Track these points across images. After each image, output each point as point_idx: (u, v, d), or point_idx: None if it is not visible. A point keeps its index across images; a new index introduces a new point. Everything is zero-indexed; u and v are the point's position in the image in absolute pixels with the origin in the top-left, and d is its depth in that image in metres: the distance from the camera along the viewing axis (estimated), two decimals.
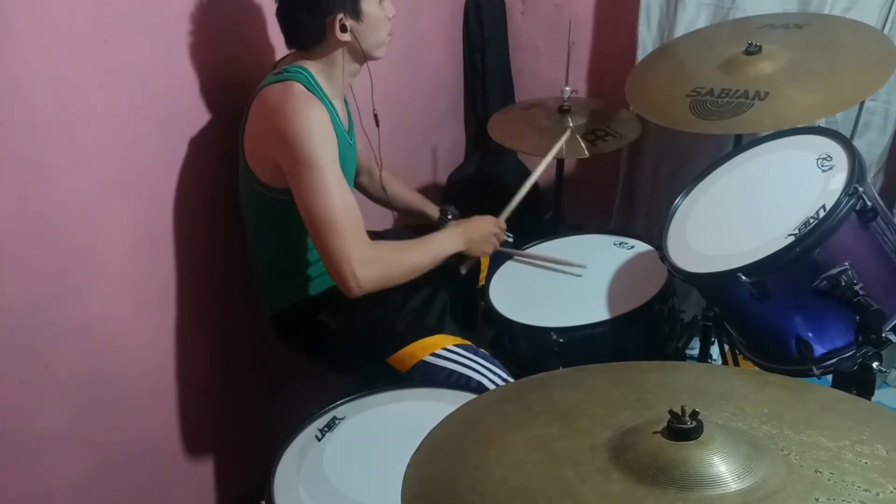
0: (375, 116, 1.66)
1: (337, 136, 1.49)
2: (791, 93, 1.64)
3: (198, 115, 1.56)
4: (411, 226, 2.01)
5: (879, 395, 2.07)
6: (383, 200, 1.95)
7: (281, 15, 1.50)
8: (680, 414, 0.72)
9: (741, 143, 1.72)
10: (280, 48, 1.68)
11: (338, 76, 1.54)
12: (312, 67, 1.51)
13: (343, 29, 1.47)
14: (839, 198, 1.31)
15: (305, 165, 1.41)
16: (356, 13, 1.47)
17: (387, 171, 1.87)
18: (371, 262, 1.45)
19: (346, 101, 1.66)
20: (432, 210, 1.97)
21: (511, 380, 1.57)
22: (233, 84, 1.61)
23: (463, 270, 1.77)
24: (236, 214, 1.63)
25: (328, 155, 1.43)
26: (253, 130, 1.50)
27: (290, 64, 1.51)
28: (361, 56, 1.54)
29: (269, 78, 1.49)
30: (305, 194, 1.42)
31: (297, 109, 1.42)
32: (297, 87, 1.45)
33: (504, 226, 1.81)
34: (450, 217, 1.94)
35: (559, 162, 2.30)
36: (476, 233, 1.71)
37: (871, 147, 2.09)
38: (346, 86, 1.60)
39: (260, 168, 1.51)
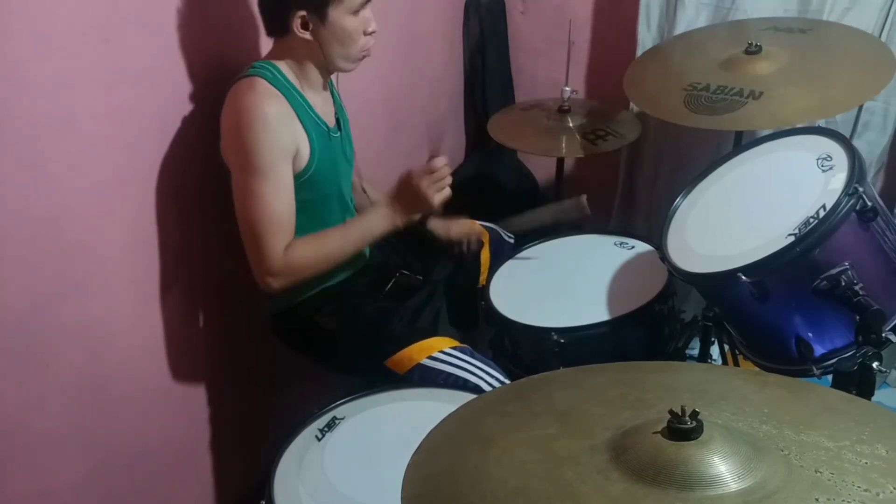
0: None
1: (307, 130, 1.48)
2: (785, 94, 1.64)
3: (198, 115, 1.56)
4: None
5: (879, 395, 2.06)
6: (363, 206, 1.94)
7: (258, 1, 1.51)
8: (680, 414, 0.72)
9: (741, 144, 1.72)
10: None
11: (311, 69, 1.53)
12: (282, 61, 1.49)
13: (304, 27, 1.45)
14: (839, 198, 1.31)
15: (244, 166, 1.42)
16: (321, 16, 1.44)
17: (369, 186, 1.87)
18: (280, 274, 1.47)
19: (333, 94, 1.64)
20: None
21: (508, 382, 1.56)
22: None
23: (428, 226, 1.77)
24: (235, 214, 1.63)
25: (273, 157, 1.42)
26: (223, 128, 1.49)
27: (260, 59, 1.50)
28: (323, 60, 1.50)
29: (239, 75, 1.49)
30: (238, 193, 1.44)
31: (250, 107, 1.40)
32: (259, 83, 1.43)
33: (435, 164, 1.55)
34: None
35: (559, 161, 2.30)
36: (405, 197, 1.56)
37: (871, 147, 2.09)
38: (321, 81, 1.57)
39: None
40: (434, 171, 1.55)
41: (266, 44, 1.69)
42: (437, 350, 1.57)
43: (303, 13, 1.43)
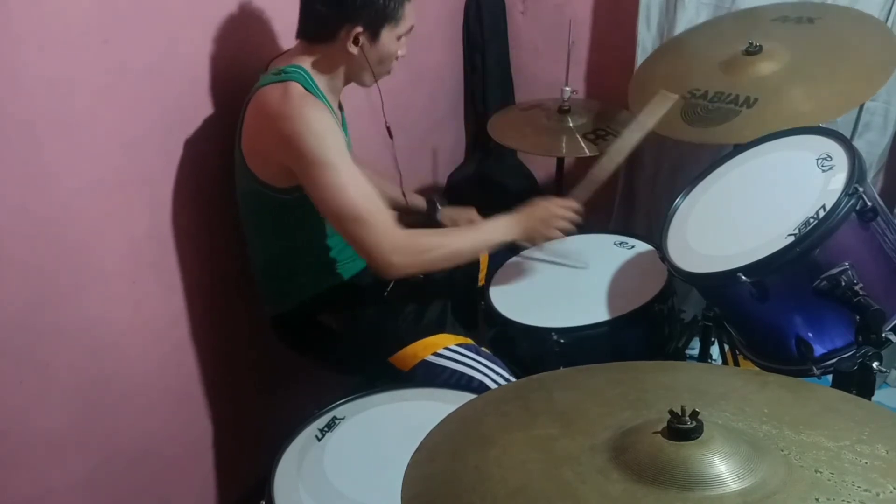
0: (388, 129, 1.66)
1: None
2: (780, 101, 1.66)
3: (198, 115, 1.56)
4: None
5: (879, 395, 2.06)
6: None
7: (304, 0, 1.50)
8: (680, 414, 0.72)
9: (741, 144, 1.72)
10: (281, 48, 1.68)
11: (333, 81, 1.55)
12: (310, 66, 1.50)
13: (356, 42, 1.47)
14: (839, 198, 1.31)
15: (318, 165, 1.40)
16: (374, 35, 1.48)
17: (370, 170, 1.87)
18: (403, 248, 1.45)
19: (340, 105, 1.66)
20: (420, 201, 1.98)
21: (513, 379, 1.57)
22: (233, 84, 1.60)
23: (437, 217, 1.80)
24: (236, 214, 1.63)
25: (338, 151, 1.43)
26: (252, 131, 1.50)
27: (287, 63, 1.49)
28: (357, 74, 1.54)
29: (267, 77, 1.48)
30: (324, 193, 1.42)
31: (300, 111, 1.41)
32: (297, 88, 1.44)
33: (573, 205, 1.69)
34: (438, 206, 1.95)
35: (559, 161, 2.30)
36: (535, 219, 1.64)
37: (871, 147, 2.09)
38: (339, 91, 1.60)
39: (261, 168, 1.51)
40: (573, 209, 1.67)
41: (268, 44, 1.70)
42: (442, 347, 1.57)
43: (359, 29, 1.45)
